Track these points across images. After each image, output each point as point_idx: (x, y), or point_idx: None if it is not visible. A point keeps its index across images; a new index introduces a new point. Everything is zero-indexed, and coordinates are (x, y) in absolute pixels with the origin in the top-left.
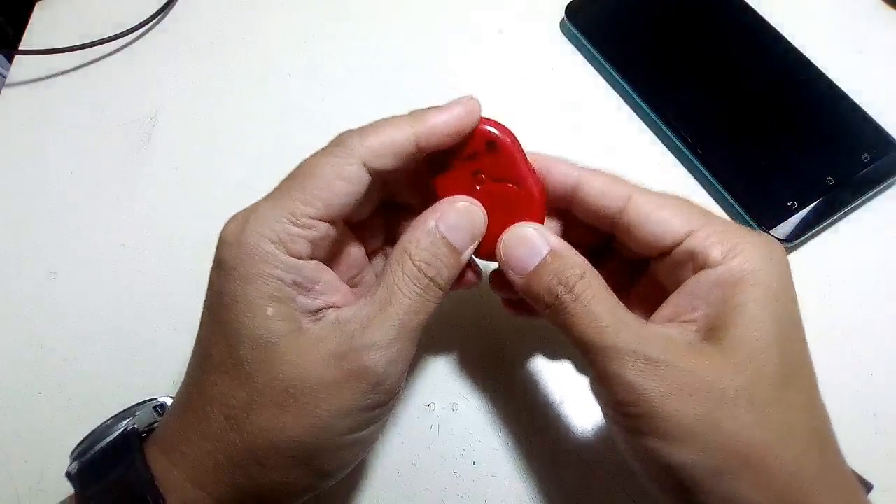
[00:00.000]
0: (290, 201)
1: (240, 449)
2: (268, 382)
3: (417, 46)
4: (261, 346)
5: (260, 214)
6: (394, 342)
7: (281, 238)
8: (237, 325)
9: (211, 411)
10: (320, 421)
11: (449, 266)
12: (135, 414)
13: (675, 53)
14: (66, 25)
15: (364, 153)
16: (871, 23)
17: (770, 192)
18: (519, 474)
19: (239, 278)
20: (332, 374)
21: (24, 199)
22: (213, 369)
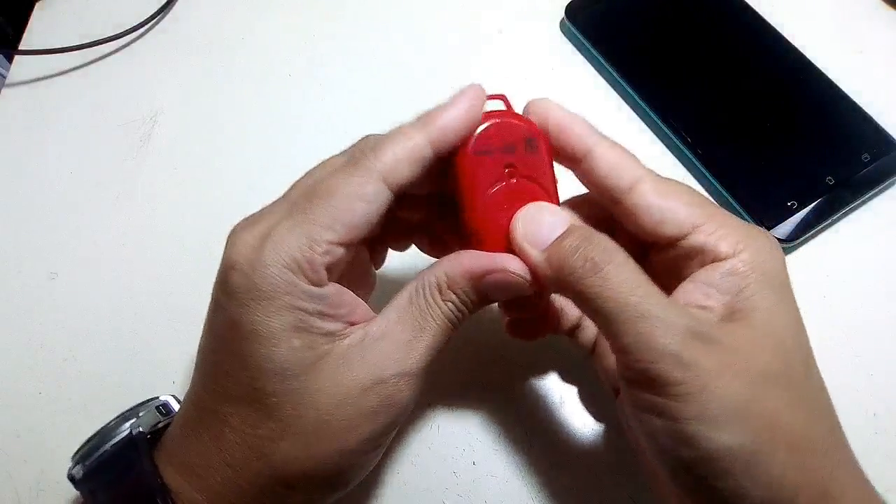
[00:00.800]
0: (310, 226)
1: (266, 476)
2: (298, 414)
3: (417, 46)
4: (288, 378)
5: (277, 240)
6: (424, 369)
7: (301, 267)
8: (259, 358)
9: (233, 440)
10: (350, 445)
11: (476, 305)
12: (138, 415)
13: (675, 53)
14: (66, 25)
15: (382, 169)
16: (871, 23)
17: (770, 192)
18: (519, 474)
19: (258, 309)
20: (366, 402)
21: (24, 199)
22: (233, 400)
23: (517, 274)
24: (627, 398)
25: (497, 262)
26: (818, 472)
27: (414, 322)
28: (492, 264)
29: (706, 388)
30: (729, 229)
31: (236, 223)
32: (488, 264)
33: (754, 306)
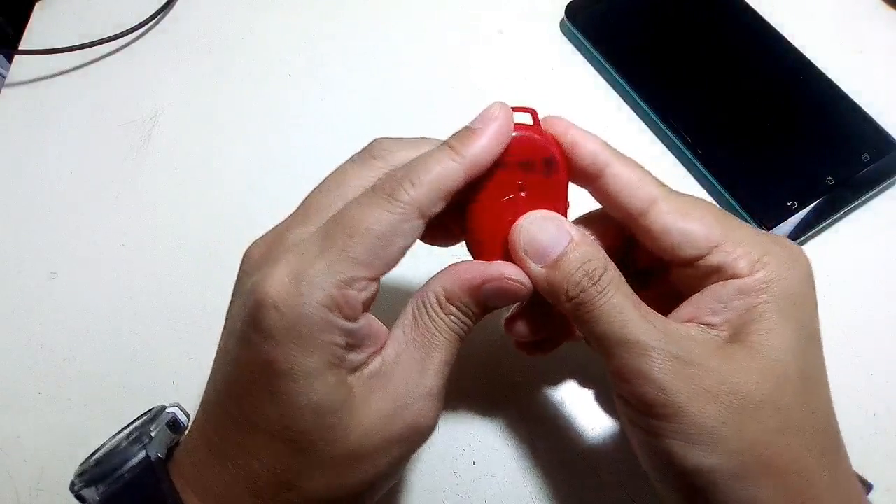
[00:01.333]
0: (349, 264)
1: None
2: (330, 450)
3: (417, 46)
4: (322, 415)
5: (315, 278)
6: (441, 386)
7: (339, 305)
8: (294, 397)
9: (261, 472)
10: (380, 471)
11: (478, 315)
12: (151, 434)
13: (675, 53)
14: (66, 25)
15: (420, 204)
16: (871, 23)
17: (770, 192)
18: (519, 474)
19: (295, 349)
20: (391, 429)
21: (24, 199)
22: (262, 434)
23: (515, 280)
24: (620, 411)
25: (493, 271)
26: (806, 499)
27: (423, 341)
28: (488, 273)
29: (682, 411)
30: (749, 247)
31: (251, 245)
32: (485, 273)
33: (757, 328)
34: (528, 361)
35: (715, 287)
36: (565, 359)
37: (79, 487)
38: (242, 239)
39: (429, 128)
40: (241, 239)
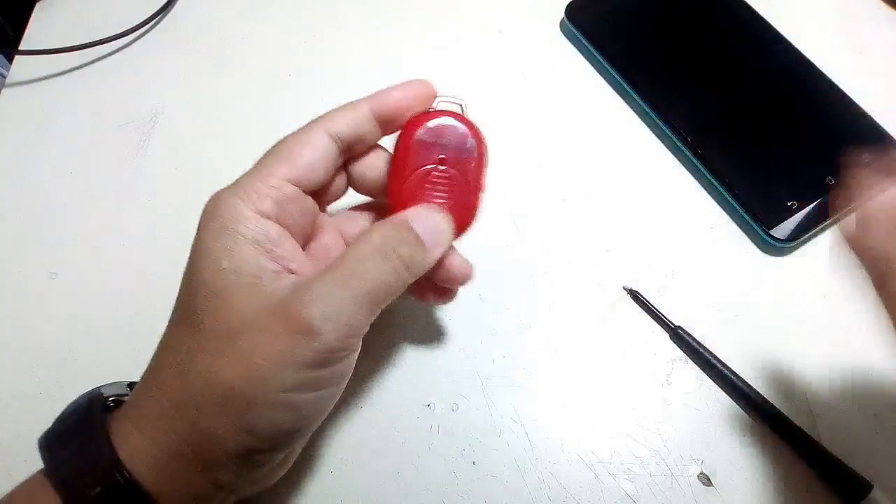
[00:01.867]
0: (261, 167)
1: (181, 392)
2: (214, 328)
3: (417, 46)
4: (213, 295)
5: (240, 180)
6: (336, 300)
7: (249, 196)
8: (196, 276)
9: (164, 359)
10: (254, 368)
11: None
12: (101, 388)
13: (676, 53)
14: (66, 25)
15: (325, 122)
16: (871, 23)
17: (770, 192)
18: (519, 474)
19: (206, 233)
20: (270, 322)
21: (24, 199)
22: (175, 322)
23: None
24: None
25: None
26: None
27: (341, 263)
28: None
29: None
30: None
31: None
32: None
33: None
34: (528, 361)
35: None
36: (565, 359)
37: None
38: None
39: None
40: None
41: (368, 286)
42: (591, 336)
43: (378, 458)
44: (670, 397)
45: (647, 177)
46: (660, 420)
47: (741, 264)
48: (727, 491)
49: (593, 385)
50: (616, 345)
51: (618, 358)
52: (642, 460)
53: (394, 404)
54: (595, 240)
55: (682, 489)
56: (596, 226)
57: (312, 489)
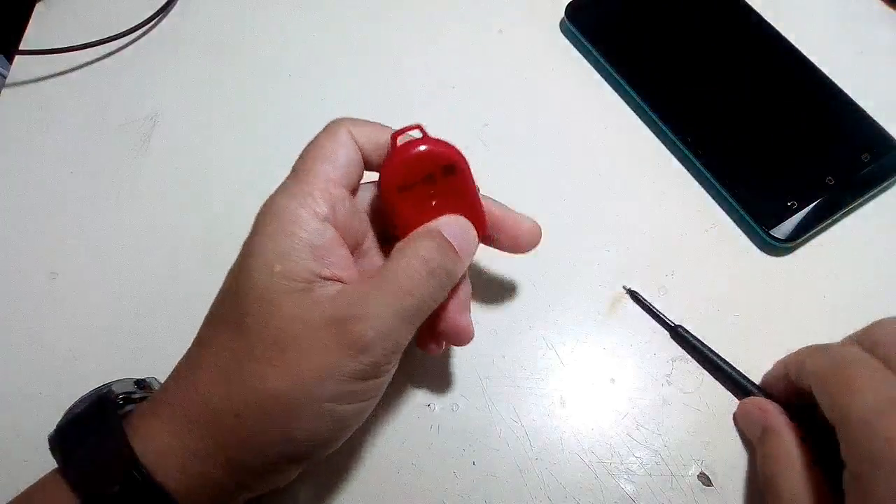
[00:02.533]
0: (305, 169)
1: (223, 398)
2: (261, 335)
3: (417, 47)
4: (263, 300)
5: (286, 185)
6: (387, 318)
7: (306, 200)
8: (247, 279)
9: (205, 362)
10: (301, 378)
11: (454, 265)
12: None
13: (676, 53)
14: (66, 25)
15: (351, 127)
16: (871, 23)
17: (770, 192)
18: (519, 474)
19: (261, 235)
20: (321, 334)
21: (24, 199)
22: (219, 323)
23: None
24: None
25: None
26: None
27: (385, 276)
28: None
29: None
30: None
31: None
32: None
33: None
34: (528, 361)
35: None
36: (565, 359)
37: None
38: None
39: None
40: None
41: (418, 303)
42: (591, 336)
43: (378, 457)
44: (670, 397)
45: (647, 177)
46: (660, 420)
47: (741, 264)
48: (727, 491)
49: (593, 385)
50: (616, 345)
51: (618, 358)
52: (642, 460)
53: (394, 404)
54: (595, 240)
55: (682, 489)
56: (596, 226)
57: (313, 489)
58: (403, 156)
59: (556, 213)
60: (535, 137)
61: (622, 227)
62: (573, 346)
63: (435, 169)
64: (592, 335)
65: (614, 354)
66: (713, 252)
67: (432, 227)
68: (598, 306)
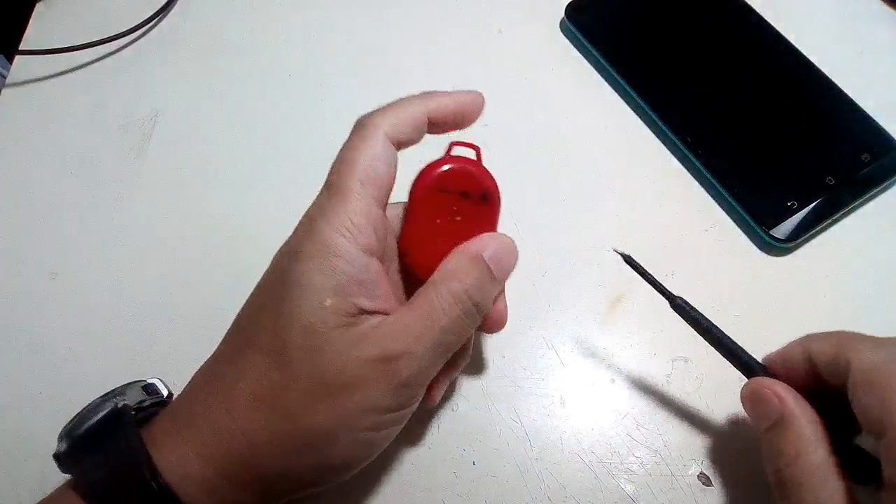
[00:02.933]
0: (347, 193)
1: (261, 428)
2: (306, 369)
3: (417, 47)
4: (309, 334)
5: (331, 208)
6: (426, 354)
7: (351, 231)
8: (293, 309)
9: (241, 388)
10: (345, 412)
11: (491, 294)
12: (123, 393)
13: (675, 53)
14: (66, 25)
15: (387, 127)
16: (871, 23)
17: (770, 192)
18: (519, 474)
19: (309, 267)
20: (367, 370)
21: (24, 199)
22: (255, 349)
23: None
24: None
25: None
26: None
27: (424, 309)
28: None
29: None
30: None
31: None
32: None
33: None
34: (528, 361)
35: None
36: (565, 360)
37: (56, 448)
38: (242, 239)
39: None
40: (241, 239)
41: (457, 340)
42: (591, 336)
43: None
44: (670, 397)
45: (647, 177)
46: (660, 420)
47: (741, 264)
48: (727, 491)
49: (593, 385)
50: (616, 345)
51: (618, 358)
52: (642, 460)
53: None
54: (595, 240)
55: (682, 489)
56: (596, 226)
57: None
58: (457, 163)
59: (556, 213)
60: (535, 137)
61: (622, 227)
62: (573, 346)
63: (476, 190)
64: (592, 335)
65: (614, 354)
66: (713, 252)
67: (474, 251)
68: (598, 306)
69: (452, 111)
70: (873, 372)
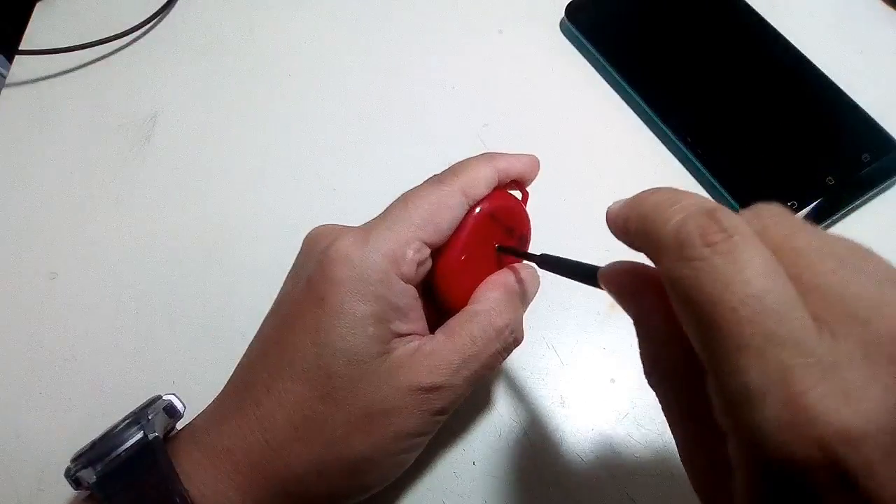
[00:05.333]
0: (406, 227)
1: (301, 456)
2: (349, 399)
3: (417, 47)
4: (353, 364)
5: (379, 236)
6: (464, 385)
7: (397, 261)
8: (335, 339)
9: (280, 419)
10: (385, 440)
11: (522, 325)
12: (148, 418)
13: (675, 54)
14: (66, 25)
15: (462, 185)
16: (871, 23)
17: (770, 192)
18: (519, 474)
19: (350, 290)
20: (407, 402)
21: (24, 199)
22: (294, 377)
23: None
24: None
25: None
26: None
27: (463, 343)
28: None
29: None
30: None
31: (314, 230)
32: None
33: None
34: (528, 361)
35: None
36: (565, 359)
37: (75, 470)
38: (242, 239)
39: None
40: (241, 239)
41: (490, 372)
42: (592, 336)
43: None
44: None
45: (647, 176)
46: (660, 420)
47: None
48: None
49: (593, 385)
50: (616, 345)
51: (618, 358)
52: (642, 460)
53: None
54: (595, 240)
55: (682, 489)
56: (596, 226)
57: None
58: (514, 202)
59: (556, 213)
60: (535, 137)
61: None
62: (573, 346)
63: (519, 230)
64: (592, 335)
65: (614, 354)
66: None
67: (511, 284)
68: (598, 306)
69: (516, 174)
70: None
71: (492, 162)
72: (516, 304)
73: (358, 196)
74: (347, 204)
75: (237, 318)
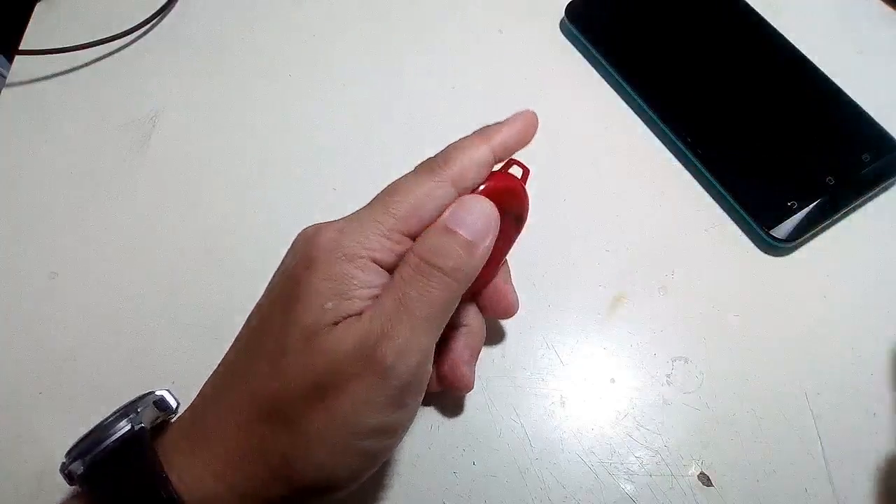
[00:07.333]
0: (387, 217)
1: (266, 438)
2: (300, 373)
3: (417, 46)
4: (307, 337)
5: (358, 224)
6: (404, 332)
7: (375, 248)
8: (296, 315)
9: (248, 400)
10: (341, 414)
11: (455, 253)
12: (137, 411)
13: (676, 53)
14: (66, 25)
15: (453, 175)
16: (871, 23)
17: (770, 192)
18: (519, 474)
19: (322, 275)
20: (351, 367)
21: (24, 199)
22: (259, 358)
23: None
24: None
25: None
26: None
27: (392, 291)
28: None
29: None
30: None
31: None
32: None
33: None
34: (528, 361)
35: None
36: (565, 359)
37: (68, 465)
38: (242, 239)
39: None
40: (241, 239)
41: (433, 314)
42: (591, 336)
43: None
44: (670, 397)
45: (647, 176)
46: (660, 420)
47: (741, 264)
48: (727, 491)
49: (593, 385)
50: (616, 345)
51: (618, 358)
52: (642, 460)
53: None
54: (595, 240)
55: (682, 489)
56: (596, 226)
57: None
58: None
59: (556, 213)
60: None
61: (622, 226)
62: (573, 346)
63: (516, 210)
64: (592, 335)
65: (614, 354)
66: (713, 252)
67: (439, 224)
68: (598, 306)
69: (515, 143)
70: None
71: (487, 140)
72: (434, 234)
73: (358, 196)
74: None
75: (237, 318)
